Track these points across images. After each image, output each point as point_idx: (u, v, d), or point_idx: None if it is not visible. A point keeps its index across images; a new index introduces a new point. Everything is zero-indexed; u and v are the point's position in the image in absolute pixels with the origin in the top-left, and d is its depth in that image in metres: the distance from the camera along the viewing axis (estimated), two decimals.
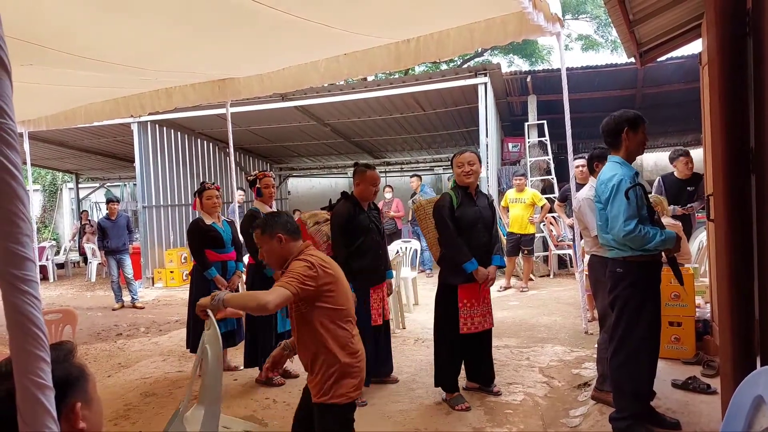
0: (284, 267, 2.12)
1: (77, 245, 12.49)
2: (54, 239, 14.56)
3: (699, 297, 4.39)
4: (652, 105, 9.54)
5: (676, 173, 5.38)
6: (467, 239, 3.35)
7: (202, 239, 4.05)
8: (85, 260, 11.28)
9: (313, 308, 2.04)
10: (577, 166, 5.14)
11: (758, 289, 2.16)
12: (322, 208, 3.76)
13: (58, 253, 12.34)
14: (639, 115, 2.80)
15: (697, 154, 5.49)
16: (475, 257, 3.32)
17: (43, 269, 10.81)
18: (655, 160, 12.64)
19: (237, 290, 4.24)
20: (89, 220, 12.17)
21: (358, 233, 3.52)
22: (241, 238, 4.18)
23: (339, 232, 3.48)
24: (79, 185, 15.11)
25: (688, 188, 5.27)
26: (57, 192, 16.05)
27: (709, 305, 4.29)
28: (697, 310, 4.12)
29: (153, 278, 9.40)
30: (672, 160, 5.41)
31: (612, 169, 2.78)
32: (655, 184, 5.50)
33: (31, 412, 0.88)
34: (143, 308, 7.33)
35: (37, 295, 0.94)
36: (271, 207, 4.05)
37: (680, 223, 5.01)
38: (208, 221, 4.12)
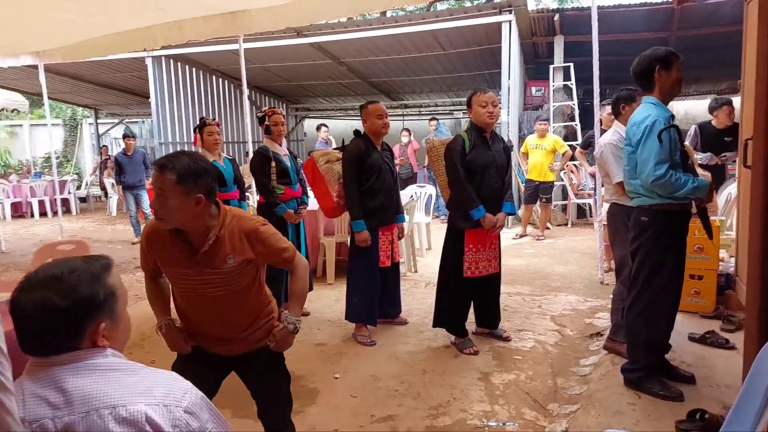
0: (207, 237, 1.73)
1: (98, 180, 12.65)
2: (76, 173, 14.75)
3: (723, 250, 4.25)
4: (685, 49, 8.88)
5: (714, 122, 5.09)
6: (477, 184, 3.23)
7: None
8: (106, 194, 11.44)
9: (260, 267, 1.90)
10: (609, 113, 4.85)
11: None
12: (335, 149, 3.65)
13: (79, 187, 12.52)
14: (671, 51, 2.58)
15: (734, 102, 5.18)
16: (484, 203, 3.21)
17: (66, 202, 11.01)
18: (686, 109, 12.04)
19: None
20: (109, 156, 12.24)
21: (370, 172, 3.42)
22: (249, 176, 4.07)
23: (350, 169, 3.39)
24: (99, 121, 15.12)
25: (726, 138, 5.00)
26: (77, 127, 16.11)
27: (733, 259, 4.15)
28: (720, 263, 3.99)
29: None
30: (712, 109, 5.11)
31: (646, 110, 2.58)
32: (691, 132, 5.22)
33: None
34: None
35: None
36: (281, 146, 3.92)
37: (710, 174, 4.79)
38: (209, 159, 3.98)
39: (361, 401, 2.73)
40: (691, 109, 11.65)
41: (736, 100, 4.99)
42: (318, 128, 10.05)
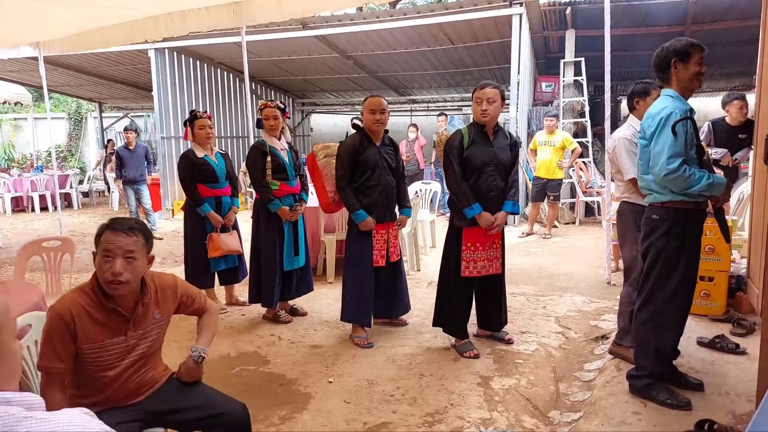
0: (136, 298, 1.76)
1: (102, 174, 12.63)
2: (80, 167, 14.75)
3: (735, 251, 4.10)
4: None
5: (727, 119, 4.95)
6: (475, 182, 3.11)
7: (193, 173, 3.84)
8: (110, 189, 11.42)
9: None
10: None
11: None
12: (339, 142, 3.54)
13: (82, 182, 12.50)
14: (692, 43, 2.43)
15: (749, 99, 5.01)
16: (482, 201, 3.09)
17: (67, 197, 10.99)
18: (698, 106, 11.73)
19: (235, 227, 4.09)
20: (115, 150, 12.21)
21: (364, 168, 3.31)
22: (242, 172, 3.98)
23: (341, 164, 3.30)
24: (103, 115, 15.11)
25: (740, 136, 4.84)
26: (82, 121, 16.11)
27: (745, 260, 4.00)
28: (731, 264, 3.85)
29: (173, 210, 9.43)
30: (725, 104, 4.97)
31: (663, 102, 2.45)
32: (704, 129, 5.06)
33: None
34: (162, 239, 7.35)
35: None
36: (279, 140, 3.81)
37: (722, 171, 4.63)
38: (200, 153, 3.89)
39: (355, 407, 2.63)
40: (704, 106, 11.38)
41: (750, 97, 4.85)
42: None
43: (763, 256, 2.89)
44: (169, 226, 8.49)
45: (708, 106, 11.45)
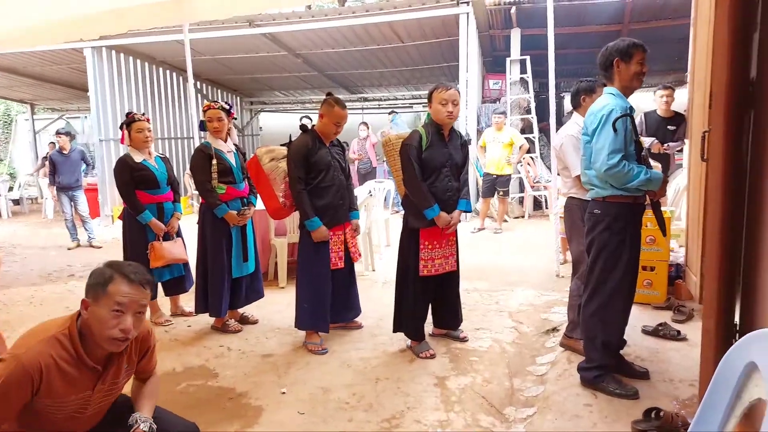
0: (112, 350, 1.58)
1: (37, 180, 11.92)
2: (10, 173, 13.84)
3: (673, 240, 4.29)
4: None
5: (658, 110, 5.21)
6: (432, 183, 3.10)
7: (132, 179, 3.64)
8: (43, 195, 10.77)
9: None
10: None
11: (745, 241, 1.98)
12: (282, 144, 3.42)
13: (12, 188, 11.73)
14: (634, 43, 2.51)
15: (681, 94, 5.27)
16: (439, 202, 3.09)
17: None
18: (636, 102, 12.35)
19: (179, 234, 3.93)
20: (48, 154, 11.52)
21: (318, 169, 3.22)
22: (188, 174, 3.80)
23: (295, 167, 3.18)
24: (36, 117, 14.22)
25: (669, 127, 5.13)
26: (11, 123, 15.12)
27: (683, 249, 4.19)
28: (670, 254, 4.02)
29: (113, 216, 8.99)
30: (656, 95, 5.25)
31: (605, 100, 2.54)
32: (637, 120, 5.30)
33: None
34: (101, 248, 7.00)
35: None
36: (225, 141, 3.66)
37: (660, 164, 4.84)
38: (138, 158, 3.69)
39: (309, 417, 2.55)
40: (641, 102, 11.92)
41: (683, 92, 5.09)
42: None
43: (700, 246, 3.02)
44: (108, 234, 8.08)
45: (643, 101, 12.01)
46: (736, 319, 2.04)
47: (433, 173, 3.11)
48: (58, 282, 5.21)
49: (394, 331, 3.34)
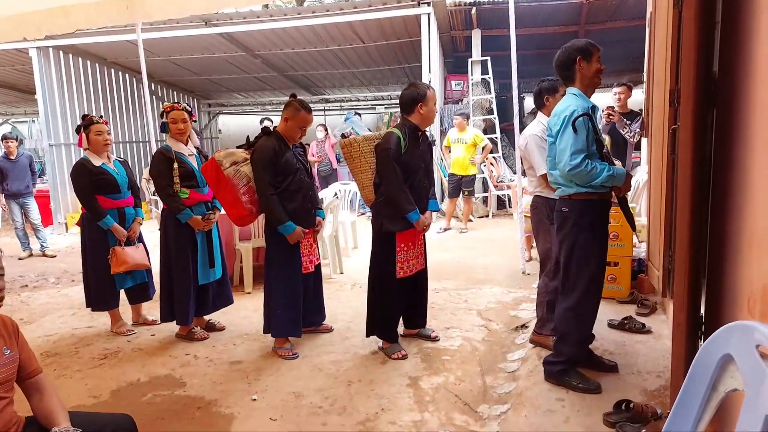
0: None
1: None
2: None
3: (634, 235, 4.41)
4: None
5: (616, 107, 5.36)
6: (410, 186, 3.09)
7: (91, 183, 3.49)
8: None
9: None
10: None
11: (709, 236, 2.04)
12: (239, 146, 3.28)
13: None
14: (591, 42, 2.59)
15: (636, 93, 5.44)
16: (416, 203, 3.08)
17: None
18: (596, 102, 12.72)
19: (140, 240, 3.79)
20: None
21: (285, 173, 3.14)
22: (145, 179, 3.65)
23: (264, 170, 3.07)
24: None
25: (626, 121, 5.26)
26: None
27: (644, 244, 4.32)
28: (633, 249, 4.13)
29: (66, 223, 8.59)
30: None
31: (567, 101, 2.58)
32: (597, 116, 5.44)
33: None
34: (55, 256, 6.67)
35: None
36: (186, 144, 3.53)
37: (620, 162, 4.97)
38: (97, 162, 3.54)
39: (282, 423, 2.48)
40: (599, 102, 12.31)
41: (638, 92, 5.27)
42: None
43: (662, 241, 3.11)
44: (62, 242, 7.73)
45: (599, 100, 12.40)
46: (702, 311, 2.11)
47: (411, 175, 3.10)
48: (11, 293, 4.91)
49: (368, 335, 3.30)
